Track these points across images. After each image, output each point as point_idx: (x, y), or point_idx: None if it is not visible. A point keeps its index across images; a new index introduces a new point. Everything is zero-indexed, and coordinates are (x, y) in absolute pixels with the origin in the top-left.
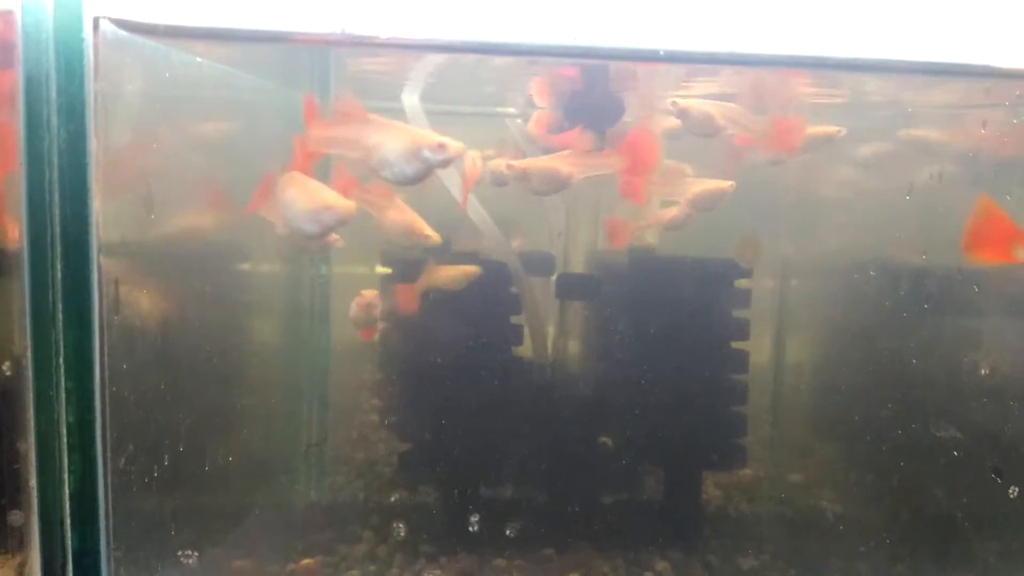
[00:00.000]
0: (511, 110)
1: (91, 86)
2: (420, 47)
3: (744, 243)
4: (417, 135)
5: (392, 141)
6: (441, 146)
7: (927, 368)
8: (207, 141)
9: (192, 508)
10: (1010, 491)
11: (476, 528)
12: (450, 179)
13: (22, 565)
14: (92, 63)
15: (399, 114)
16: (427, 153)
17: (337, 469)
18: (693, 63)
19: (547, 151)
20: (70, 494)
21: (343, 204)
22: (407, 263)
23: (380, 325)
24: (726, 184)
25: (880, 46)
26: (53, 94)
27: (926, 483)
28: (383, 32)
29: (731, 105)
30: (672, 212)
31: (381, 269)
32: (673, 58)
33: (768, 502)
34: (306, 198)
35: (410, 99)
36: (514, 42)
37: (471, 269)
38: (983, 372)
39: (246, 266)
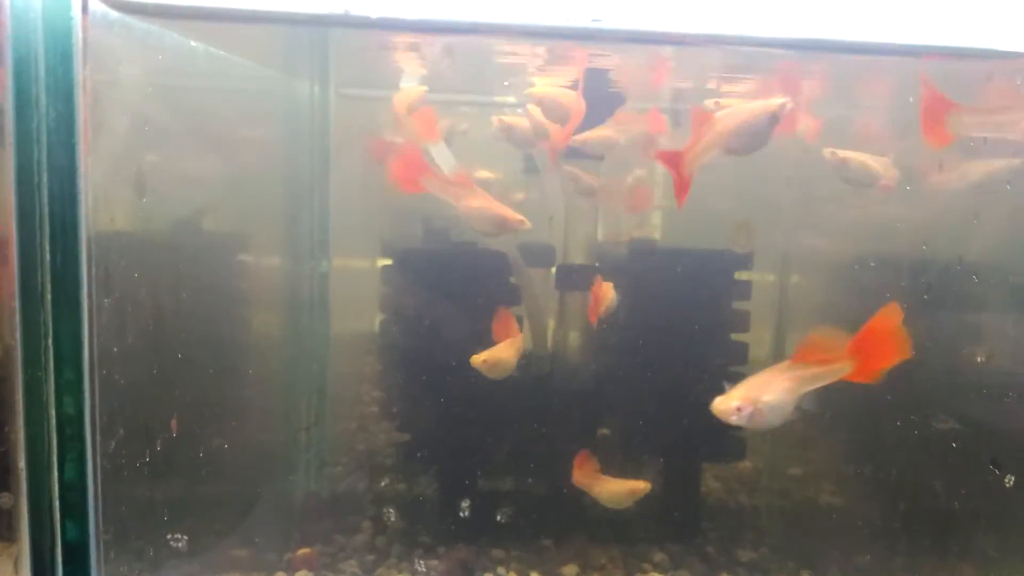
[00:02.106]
0: (511, 99)
1: (80, 66)
2: (425, 28)
3: (737, 229)
4: None
5: None
6: None
7: (927, 360)
8: (200, 124)
9: (186, 498)
10: (1007, 480)
11: (474, 518)
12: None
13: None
14: (81, 43)
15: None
16: None
17: (336, 460)
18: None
19: None
20: (59, 477)
21: None
22: (408, 252)
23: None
24: None
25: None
26: (42, 74)
27: (925, 475)
28: (384, 12)
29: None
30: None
31: (382, 261)
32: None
33: (767, 495)
34: None
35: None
36: (521, 24)
37: (640, 485)
38: (979, 360)
39: (245, 256)
